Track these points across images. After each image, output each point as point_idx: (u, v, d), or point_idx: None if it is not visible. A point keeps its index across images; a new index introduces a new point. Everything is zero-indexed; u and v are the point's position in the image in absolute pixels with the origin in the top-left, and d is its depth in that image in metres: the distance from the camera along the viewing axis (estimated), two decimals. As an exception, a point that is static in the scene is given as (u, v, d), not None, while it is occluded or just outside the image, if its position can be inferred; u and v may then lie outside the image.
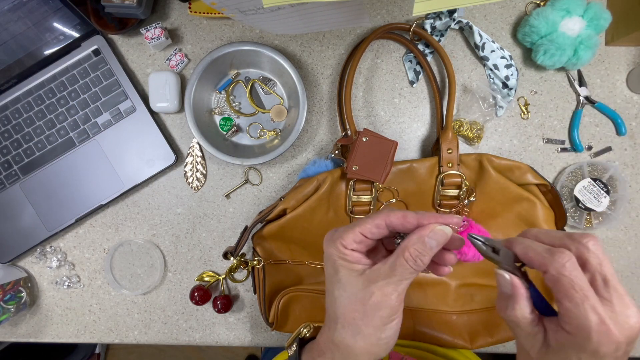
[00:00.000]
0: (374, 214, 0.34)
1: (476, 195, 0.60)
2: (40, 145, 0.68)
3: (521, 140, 0.68)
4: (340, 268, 0.33)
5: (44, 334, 0.71)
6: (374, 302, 0.31)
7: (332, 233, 0.35)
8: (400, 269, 0.31)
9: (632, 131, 0.67)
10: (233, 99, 0.69)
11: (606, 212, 0.65)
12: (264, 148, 0.67)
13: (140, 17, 0.65)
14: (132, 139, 0.68)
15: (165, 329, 0.69)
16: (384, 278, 0.32)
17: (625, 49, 0.68)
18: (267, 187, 0.69)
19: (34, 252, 0.70)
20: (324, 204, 0.60)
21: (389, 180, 0.60)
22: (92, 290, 0.70)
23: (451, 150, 0.60)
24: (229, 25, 0.70)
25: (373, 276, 0.32)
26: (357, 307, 0.32)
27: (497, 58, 0.65)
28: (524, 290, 0.32)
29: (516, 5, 0.68)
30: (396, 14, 0.69)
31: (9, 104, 0.68)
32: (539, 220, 0.59)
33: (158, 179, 0.70)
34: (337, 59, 0.69)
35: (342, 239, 0.33)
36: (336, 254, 0.34)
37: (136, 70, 0.70)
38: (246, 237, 0.60)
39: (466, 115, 0.67)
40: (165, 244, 0.70)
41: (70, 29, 0.66)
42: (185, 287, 0.69)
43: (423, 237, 0.31)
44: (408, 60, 0.68)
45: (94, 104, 0.68)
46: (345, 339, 0.33)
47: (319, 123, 0.69)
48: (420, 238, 0.31)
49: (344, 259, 0.33)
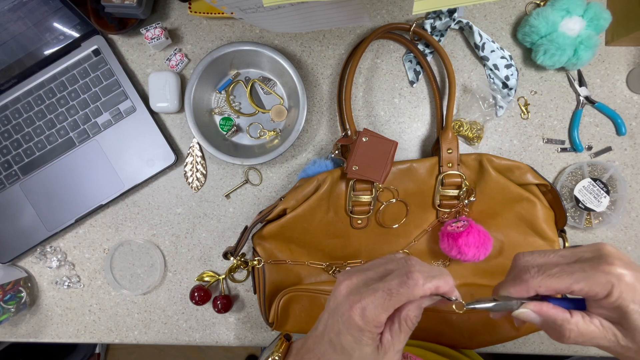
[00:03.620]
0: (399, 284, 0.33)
1: (476, 195, 0.60)
2: (40, 145, 0.68)
3: (521, 140, 0.68)
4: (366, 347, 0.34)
5: (44, 334, 0.71)
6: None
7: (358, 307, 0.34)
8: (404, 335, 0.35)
9: (632, 131, 0.68)
10: (233, 99, 0.69)
11: (606, 212, 0.65)
12: (264, 148, 0.67)
13: (140, 17, 0.65)
14: (132, 139, 0.68)
15: (165, 329, 0.69)
16: (395, 347, 0.35)
17: (625, 49, 0.68)
18: (267, 187, 0.69)
19: (34, 252, 0.70)
20: (324, 204, 0.60)
21: (389, 180, 0.60)
22: (92, 290, 0.70)
23: (451, 150, 0.60)
24: (229, 25, 0.70)
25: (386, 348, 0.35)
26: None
27: (497, 58, 0.65)
28: (557, 310, 0.33)
29: (516, 5, 0.69)
30: (396, 14, 0.69)
31: (9, 104, 0.68)
32: (539, 220, 0.59)
33: (158, 179, 0.70)
34: (337, 59, 0.69)
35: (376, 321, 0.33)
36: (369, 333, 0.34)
37: (136, 70, 0.70)
38: (246, 237, 0.60)
39: (466, 115, 0.67)
40: (165, 244, 0.70)
41: (70, 29, 0.66)
42: (185, 287, 0.69)
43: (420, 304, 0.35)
44: (408, 60, 0.68)
45: (94, 104, 0.68)
46: None
47: (319, 123, 0.69)
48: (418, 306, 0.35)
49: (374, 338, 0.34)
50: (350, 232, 0.62)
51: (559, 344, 0.67)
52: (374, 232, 0.62)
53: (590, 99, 0.67)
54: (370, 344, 0.34)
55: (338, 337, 0.35)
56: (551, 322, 0.34)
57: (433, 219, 0.62)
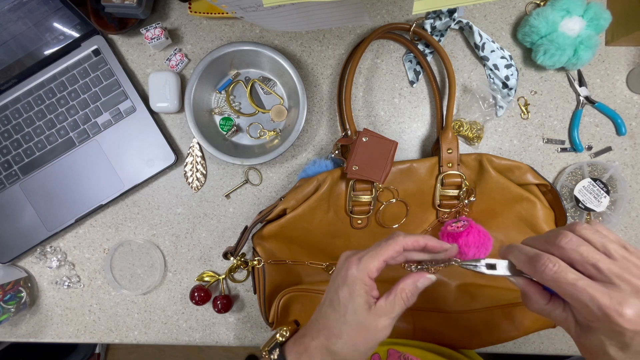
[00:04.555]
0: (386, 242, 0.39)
1: (476, 195, 0.60)
2: (40, 145, 0.68)
3: (521, 140, 0.68)
4: (359, 298, 0.38)
5: (44, 334, 0.71)
6: (378, 332, 0.38)
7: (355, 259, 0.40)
8: (398, 306, 0.38)
9: (632, 131, 0.67)
10: (233, 99, 0.69)
11: (606, 212, 0.65)
12: (264, 148, 0.67)
13: (140, 17, 0.65)
14: (132, 139, 0.68)
15: (165, 329, 0.69)
16: (387, 314, 0.38)
17: (625, 49, 0.68)
18: (267, 187, 0.69)
19: (34, 252, 0.70)
20: (324, 204, 0.60)
21: (389, 180, 0.60)
22: (92, 290, 0.70)
23: (451, 150, 0.60)
24: (229, 25, 0.70)
25: (379, 312, 0.38)
26: (363, 334, 0.39)
27: (497, 58, 0.65)
28: (533, 287, 0.36)
29: (516, 5, 0.69)
30: (396, 14, 0.69)
31: (9, 104, 0.68)
32: (539, 220, 0.59)
33: (158, 179, 0.70)
34: (337, 59, 0.69)
35: (369, 269, 0.38)
36: (361, 282, 0.39)
37: (136, 70, 0.70)
38: (246, 237, 0.60)
39: (466, 115, 0.67)
40: (165, 244, 0.70)
41: (70, 29, 0.66)
42: (185, 287, 0.69)
43: (416, 281, 0.39)
44: (408, 60, 0.68)
45: (94, 104, 0.68)
46: (343, 351, 0.39)
47: (319, 123, 0.69)
48: (414, 282, 0.39)
49: (366, 290, 0.39)
50: (350, 232, 0.62)
51: (559, 344, 0.67)
52: (374, 232, 0.62)
53: (590, 99, 0.67)
54: (363, 295, 0.38)
55: (336, 293, 0.40)
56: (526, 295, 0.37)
57: (433, 219, 0.62)
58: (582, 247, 0.32)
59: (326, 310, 0.41)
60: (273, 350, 0.42)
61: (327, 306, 0.41)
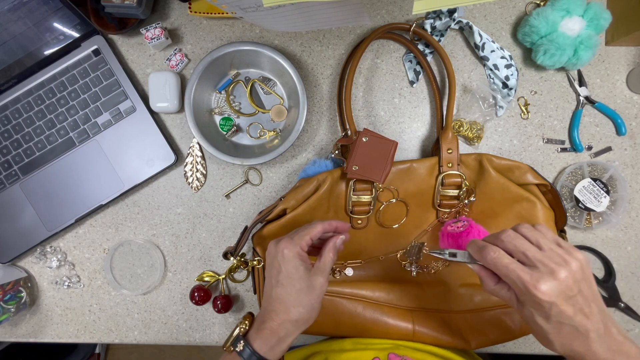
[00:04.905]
0: (310, 226, 0.49)
1: (476, 195, 0.60)
2: (40, 145, 0.68)
3: (521, 140, 0.68)
4: (300, 267, 0.47)
5: (44, 334, 0.71)
6: (322, 287, 0.47)
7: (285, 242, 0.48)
8: (328, 264, 0.48)
9: (632, 131, 0.68)
10: (233, 99, 0.69)
11: (606, 212, 0.65)
12: (264, 148, 0.67)
13: (140, 17, 0.65)
14: (132, 139, 0.68)
15: (165, 329, 0.69)
16: (322, 272, 0.47)
17: (625, 49, 0.68)
18: (267, 187, 0.69)
19: (34, 252, 0.70)
20: (324, 204, 0.60)
21: (389, 180, 0.60)
22: (92, 290, 0.70)
23: (451, 150, 0.60)
24: (229, 25, 0.70)
25: (317, 272, 0.47)
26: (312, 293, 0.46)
27: (497, 58, 0.65)
28: (485, 271, 0.44)
29: (516, 5, 0.69)
30: (396, 14, 0.69)
31: (9, 104, 0.68)
32: (539, 220, 0.59)
33: (158, 179, 0.70)
34: (337, 59, 0.69)
35: (302, 245, 0.47)
36: (298, 256, 0.47)
37: (136, 70, 0.70)
38: (246, 237, 0.60)
39: (466, 115, 0.67)
40: (165, 244, 0.70)
41: (70, 29, 0.66)
42: (185, 287, 0.69)
43: (335, 242, 0.50)
44: (408, 60, 0.68)
45: (94, 104, 0.68)
46: (303, 316, 0.46)
47: (319, 123, 0.69)
48: (333, 243, 0.50)
49: (304, 260, 0.47)
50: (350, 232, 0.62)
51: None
52: (374, 232, 0.62)
53: (590, 99, 0.67)
54: (302, 263, 0.47)
55: (281, 273, 0.47)
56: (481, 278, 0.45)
57: (433, 219, 0.62)
58: (517, 240, 0.41)
59: (277, 291, 0.47)
60: (237, 343, 0.46)
61: (276, 287, 0.47)
